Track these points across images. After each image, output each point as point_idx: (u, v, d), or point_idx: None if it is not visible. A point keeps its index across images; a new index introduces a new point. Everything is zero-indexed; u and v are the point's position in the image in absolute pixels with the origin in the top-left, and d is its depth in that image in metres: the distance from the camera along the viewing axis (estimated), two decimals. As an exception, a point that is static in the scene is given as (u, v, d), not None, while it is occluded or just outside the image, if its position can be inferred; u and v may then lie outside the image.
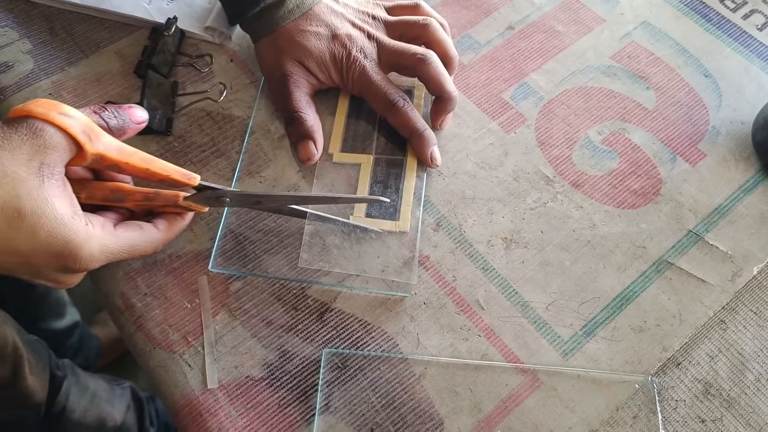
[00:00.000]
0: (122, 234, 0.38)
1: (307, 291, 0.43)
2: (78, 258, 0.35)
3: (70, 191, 0.36)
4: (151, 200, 0.40)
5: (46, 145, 0.34)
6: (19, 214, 0.33)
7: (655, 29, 0.55)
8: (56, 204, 0.34)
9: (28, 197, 0.33)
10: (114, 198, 0.39)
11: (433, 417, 0.39)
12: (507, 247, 0.45)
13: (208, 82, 0.52)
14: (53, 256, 0.35)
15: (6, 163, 0.33)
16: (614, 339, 0.42)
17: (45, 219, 0.33)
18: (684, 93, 0.52)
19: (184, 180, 0.40)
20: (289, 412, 0.39)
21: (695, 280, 0.44)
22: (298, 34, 0.47)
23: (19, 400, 0.71)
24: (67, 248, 0.34)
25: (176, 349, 0.41)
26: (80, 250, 0.35)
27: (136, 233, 0.39)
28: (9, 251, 0.33)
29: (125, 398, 0.88)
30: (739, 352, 0.41)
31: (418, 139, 0.47)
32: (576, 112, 0.51)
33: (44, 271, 0.36)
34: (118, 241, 0.37)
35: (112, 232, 0.37)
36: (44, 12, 0.55)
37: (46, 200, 0.34)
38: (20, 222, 0.33)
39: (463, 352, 0.41)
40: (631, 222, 0.46)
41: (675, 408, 0.40)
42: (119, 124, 0.39)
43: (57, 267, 0.36)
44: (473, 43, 0.55)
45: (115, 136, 0.39)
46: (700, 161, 0.49)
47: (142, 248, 0.39)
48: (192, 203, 0.41)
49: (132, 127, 0.40)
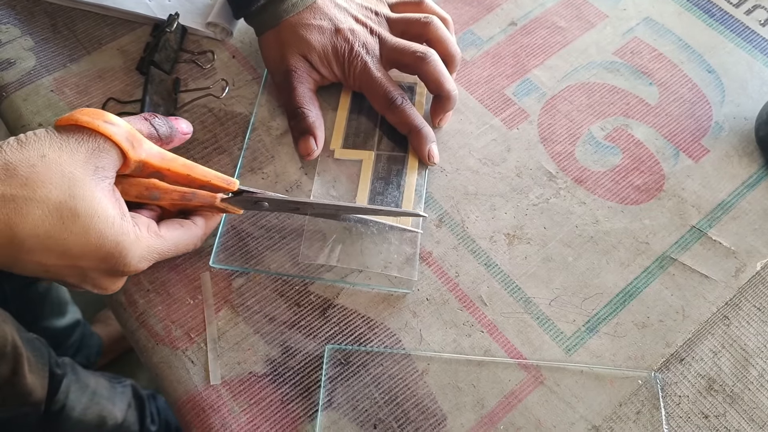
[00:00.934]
0: (167, 234, 0.38)
1: (310, 287, 0.43)
2: (127, 260, 0.36)
3: (119, 195, 0.37)
4: (188, 200, 0.40)
5: (100, 149, 0.35)
6: (72, 214, 0.33)
7: (658, 25, 0.55)
8: (108, 206, 0.35)
9: (82, 198, 0.34)
10: (149, 195, 0.39)
11: (436, 413, 0.39)
12: (510, 243, 0.45)
13: (210, 79, 0.52)
14: (102, 258, 0.35)
15: (64, 164, 0.34)
16: (617, 335, 0.42)
17: (97, 219, 0.34)
18: (687, 89, 0.52)
19: (224, 185, 0.40)
20: (292, 408, 0.39)
21: (698, 275, 0.44)
22: (301, 28, 0.47)
23: (18, 398, 0.71)
24: (117, 249, 0.35)
25: (179, 346, 0.41)
26: (129, 252, 0.36)
27: (178, 232, 0.39)
28: (60, 252, 0.34)
29: (126, 396, 0.88)
30: (743, 348, 0.41)
31: (416, 136, 0.47)
32: (579, 108, 0.51)
33: (91, 275, 0.36)
34: (163, 241, 0.38)
35: (157, 233, 0.38)
36: (46, 9, 0.55)
37: (100, 202, 0.34)
38: (74, 222, 0.33)
39: (465, 348, 0.41)
40: (634, 218, 0.46)
41: (678, 404, 0.40)
42: (167, 132, 0.41)
43: (105, 269, 0.36)
44: (476, 39, 0.55)
45: (161, 144, 0.40)
46: (703, 157, 0.49)
47: (183, 246, 0.40)
48: (228, 205, 0.41)
49: (178, 137, 0.42)
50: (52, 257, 0.34)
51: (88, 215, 0.34)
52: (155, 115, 0.40)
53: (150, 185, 0.39)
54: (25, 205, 0.32)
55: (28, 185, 0.32)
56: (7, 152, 0.33)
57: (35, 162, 0.33)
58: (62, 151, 0.34)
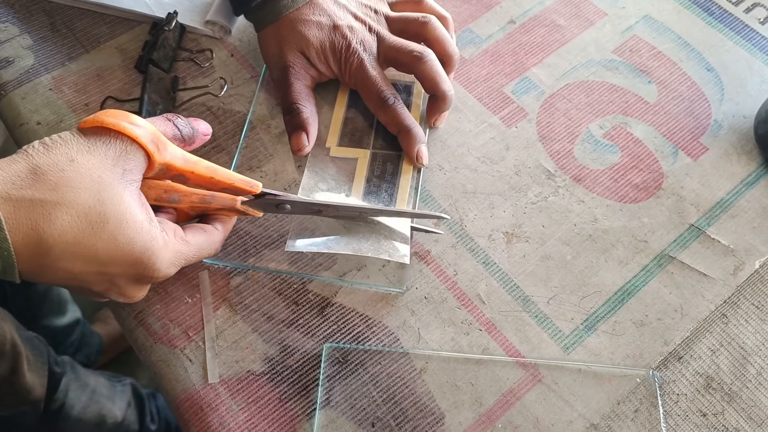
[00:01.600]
0: (192, 239, 0.38)
1: (308, 286, 0.43)
2: (156, 265, 0.35)
3: (145, 200, 0.36)
4: (207, 203, 0.39)
5: (127, 151, 0.34)
6: (101, 219, 0.32)
7: (657, 23, 0.55)
8: (137, 211, 0.34)
9: (111, 202, 0.33)
10: (168, 198, 0.38)
11: (434, 411, 0.39)
12: (508, 241, 0.45)
13: (208, 77, 0.52)
14: (131, 264, 0.34)
15: (93, 168, 0.33)
16: (615, 333, 0.42)
17: (126, 224, 0.33)
18: (686, 87, 0.52)
19: (247, 188, 0.39)
20: (290, 407, 0.39)
21: (697, 274, 0.44)
22: (300, 24, 0.47)
23: (17, 396, 0.72)
24: (146, 254, 0.34)
25: (177, 344, 0.41)
26: (158, 257, 0.35)
27: (203, 237, 0.39)
28: (89, 258, 0.33)
29: (126, 395, 0.88)
30: (741, 346, 0.41)
31: (405, 136, 0.47)
32: (577, 107, 0.51)
33: (118, 282, 0.35)
34: (190, 247, 0.38)
35: (183, 238, 0.37)
36: (45, 7, 0.55)
37: (129, 206, 0.34)
38: (102, 227, 0.33)
39: (464, 346, 0.41)
40: (633, 216, 0.46)
41: (676, 402, 0.40)
42: (190, 133, 0.40)
43: (133, 275, 0.35)
44: (474, 38, 0.54)
45: (183, 145, 0.40)
46: (702, 155, 0.49)
47: (206, 251, 0.39)
48: (248, 208, 0.40)
49: (200, 138, 0.41)
50: (79, 263, 0.33)
51: (117, 220, 0.33)
52: (177, 115, 0.40)
53: (169, 188, 0.39)
54: (53, 210, 0.31)
55: (57, 190, 0.32)
56: (35, 156, 0.32)
57: (64, 166, 0.32)
58: (91, 155, 0.33)
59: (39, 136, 0.48)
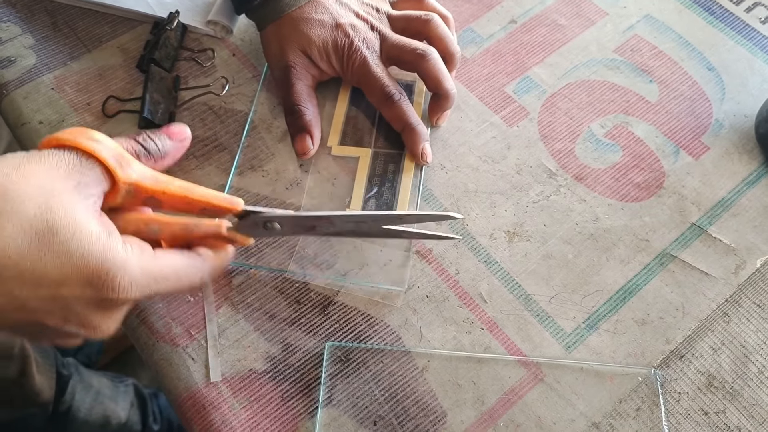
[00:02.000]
0: (164, 257, 0.33)
1: (310, 284, 0.43)
2: (116, 282, 0.30)
3: (107, 219, 0.32)
4: (190, 231, 0.36)
5: (83, 165, 0.31)
6: (49, 229, 0.28)
7: (658, 22, 0.55)
8: (91, 221, 0.30)
9: (60, 209, 0.29)
10: (147, 230, 0.35)
11: (436, 410, 0.39)
12: (510, 240, 0.45)
13: (210, 77, 0.52)
14: (87, 282, 0.29)
15: (41, 177, 0.29)
16: (617, 332, 0.42)
17: (80, 233, 0.29)
18: (687, 86, 0.52)
19: (227, 205, 0.35)
20: (292, 405, 0.39)
21: (698, 272, 0.44)
22: (302, 22, 0.47)
23: (26, 398, 0.72)
24: (104, 268, 0.29)
25: (179, 343, 0.41)
26: (118, 273, 0.30)
27: (178, 257, 0.34)
28: (36, 279, 0.28)
29: (128, 396, 0.89)
30: (743, 345, 0.41)
31: (410, 133, 0.47)
32: (579, 106, 0.51)
33: (75, 308, 0.30)
34: (160, 264, 0.32)
35: (153, 255, 0.32)
36: (47, 7, 0.55)
37: (81, 216, 0.30)
38: (51, 238, 0.28)
39: (465, 345, 0.41)
40: (634, 215, 0.46)
41: (678, 400, 0.40)
42: (157, 147, 0.36)
43: (92, 297, 0.30)
44: (476, 37, 0.55)
45: (158, 162, 0.36)
46: (704, 154, 0.49)
47: (186, 276, 0.34)
48: (236, 234, 0.37)
49: (175, 146, 0.37)
50: (26, 287, 0.28)
51: (68, 230, 0.29)
52: (143, 131, 0.36)
53: (148, 219, 0.35)
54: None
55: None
56: None
57: (9, 172, 0.29)
58: (40, 164, 0.30)
59: (41, 135, 0.48)
